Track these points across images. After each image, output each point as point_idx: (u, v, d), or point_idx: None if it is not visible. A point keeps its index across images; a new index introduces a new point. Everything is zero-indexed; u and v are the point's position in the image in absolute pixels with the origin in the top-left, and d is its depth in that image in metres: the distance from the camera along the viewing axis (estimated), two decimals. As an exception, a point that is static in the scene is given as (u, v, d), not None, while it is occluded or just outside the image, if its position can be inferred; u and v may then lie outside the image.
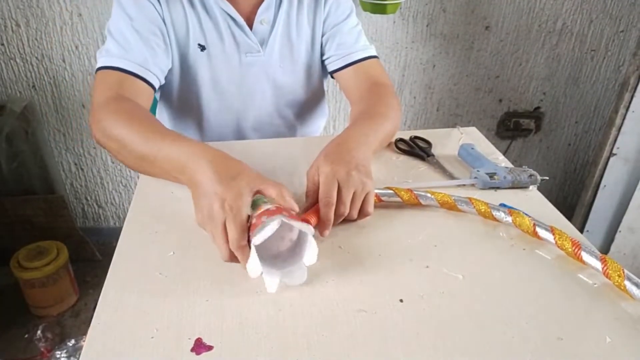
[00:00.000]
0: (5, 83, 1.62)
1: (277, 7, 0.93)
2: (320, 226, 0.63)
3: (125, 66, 0.80)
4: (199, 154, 0.62)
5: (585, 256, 0.59)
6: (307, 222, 0.58)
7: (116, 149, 0.72)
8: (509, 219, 0.66)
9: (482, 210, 0.68)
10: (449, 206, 0.70)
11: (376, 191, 0.70)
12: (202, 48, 0.90)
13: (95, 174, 1.81)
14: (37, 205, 1.65)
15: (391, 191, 0.71)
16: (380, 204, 0.71)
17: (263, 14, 0.91)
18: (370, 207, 0.67)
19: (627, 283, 0.55)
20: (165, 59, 0.87)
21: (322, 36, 0.97)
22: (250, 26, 0.91)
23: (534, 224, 0.64)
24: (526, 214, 0.66)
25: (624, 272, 0.56)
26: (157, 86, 0.85)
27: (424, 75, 1.71)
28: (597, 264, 0.58)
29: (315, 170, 0.67)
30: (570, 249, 0.60)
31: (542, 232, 0.63)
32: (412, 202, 0.71)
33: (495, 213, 0.67)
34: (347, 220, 0.66)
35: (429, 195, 0.70)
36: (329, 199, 0.63)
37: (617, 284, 0.56)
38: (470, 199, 0.69)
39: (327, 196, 0.63)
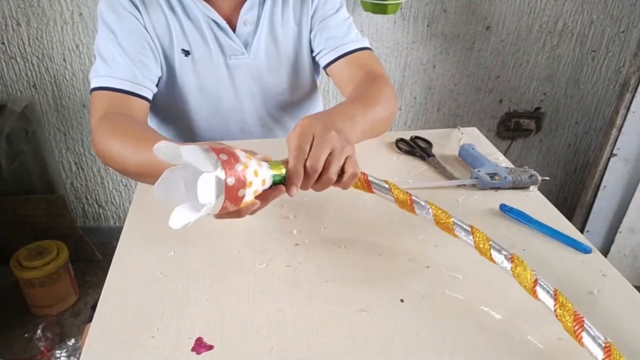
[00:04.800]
0: (5, 82, 1.61)
1: (260, 6, 0.90)
2: (287, 181, 0.57)
3: (114, 85, 0.81)
4: None
5: (587, 339, 0.47)
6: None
7: (116, 168, 0.74)
8: (508, 265, 0.55)
9: (481, 246, 0.57)
10: (444, 227, 0.60)
11: (370, 178, 0.62)
12: (187, 53, 0.89)
13: (96, 173, 1.81)
14: (37, 205, 1.65)
15: (386, 185, 0.62)
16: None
17: (246, 15, 0.89)
18: (352, 167, 0.59)
19: None
20: (155, 69, 0.87)
21: (310, 32, 0.95)
22: (234, 28, 0.90)
23: (536, 281, 0.52)
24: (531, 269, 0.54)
25: None
26: (150, 97, 0.86)
27: (425, 76, 1.71)
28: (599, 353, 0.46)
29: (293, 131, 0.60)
30: (570, 324, 0.49)
31: (542, 295, 0.51)
32: (406, 207, 0.62)
33: (494, 254, 0.56)
34: (326, 184, 0.59)
35: (428, 207, 0.60)
36: (298, 151, 0.57)
37: None
38: (472, 227, 0.58)
39: (297, 148, 0.57)
